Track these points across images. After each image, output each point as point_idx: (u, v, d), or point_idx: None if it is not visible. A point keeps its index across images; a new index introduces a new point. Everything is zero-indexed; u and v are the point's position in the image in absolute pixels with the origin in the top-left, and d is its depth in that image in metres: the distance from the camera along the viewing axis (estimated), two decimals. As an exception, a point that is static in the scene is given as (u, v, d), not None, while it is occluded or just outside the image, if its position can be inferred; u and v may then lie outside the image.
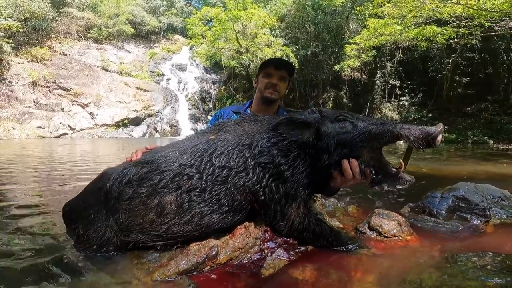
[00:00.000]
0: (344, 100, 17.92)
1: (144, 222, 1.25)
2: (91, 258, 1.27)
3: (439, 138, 1.16)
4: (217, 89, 22.83)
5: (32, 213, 2.06)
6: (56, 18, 23.17)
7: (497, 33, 10.52)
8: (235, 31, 17.00)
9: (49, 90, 18.96)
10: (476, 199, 1.98)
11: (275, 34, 18.20)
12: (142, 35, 29.28)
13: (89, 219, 1.30)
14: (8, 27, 17.38)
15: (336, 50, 17.54)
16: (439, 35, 10.09)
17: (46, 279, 1.14)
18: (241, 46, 17.58)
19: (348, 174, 1.28)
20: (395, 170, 1.28)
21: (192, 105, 21.38)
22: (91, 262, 1.25)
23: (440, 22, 10.23)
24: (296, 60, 16.66)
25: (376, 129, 1.25)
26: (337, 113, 1.35)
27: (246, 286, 1.12)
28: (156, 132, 19.11)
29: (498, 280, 1.08)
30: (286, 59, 2.07)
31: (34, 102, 17.85)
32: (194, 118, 20.28)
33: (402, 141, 1.28)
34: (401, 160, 1.29)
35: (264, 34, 17.04)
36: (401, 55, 16.46)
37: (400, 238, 1.51)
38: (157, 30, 29.97)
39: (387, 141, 1.25)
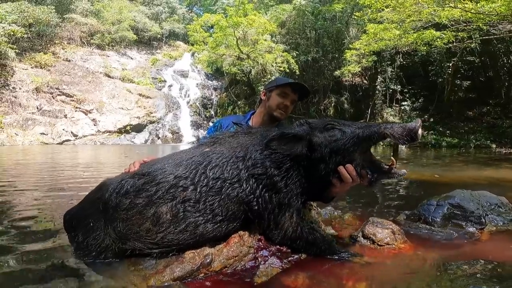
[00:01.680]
0: (345, 105, 17.96)
1: (141, 231, 1.29)
2: (90, 265, 1.31)
3: (420, 132, 1.24)
4: (219, 96, 22.92)
5: (33, 220, 2.10)
6: (60, 24, 23.38)
7: (496, 36, 10.58)
8: (236, 37, 17.16)
9: (52, 96, 19.10)
10: (472, 206, 1.99)
11: (275, 40, 18.33)
12: (144, 42, 29.54)
13: (88, 227, 1.35)
14: (12, 33, 17.48)
15: (337, 55, 17.65)
16: (438, 39, 10.18)
17: (46, 284, 1.18)
18: (242, 53, 17.73)
19: (346, 179, 1.33)
20: (387, 167, 1.35)
21: (194, 111, 21.45)
22: (90, 268, 1.29)
23: (439, 26, 10.32)
24: (297, 66, 16.78)
25: (363, 132, 1.32)
26: (325, 122, 1.40)
27: (239, 293, 1.14)
28: (158, 139, 19.16)
29: (485, 288, 1.10)
30: (304, 84, 2.07)
31: (37, 108, 17.97)
32: (196, 125, 20.32)
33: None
34: (392, 157, 1.36)
35: (265, 40, 17.18)
36: (402, 60, 16.53)
37: (394, 246, 1.53)
38: (159, 36, 30.23)
39: (375, 142, 1.34)
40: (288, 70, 16.69)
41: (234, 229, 1.35)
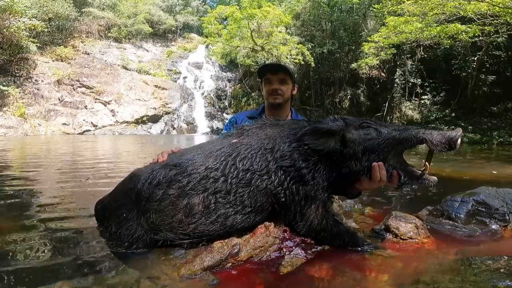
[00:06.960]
0: (362, 98, 17.59)
1: (173, 222, 1.31)
2: (123, 255, 1.34)
3: (459, 141, 1.24)
4: (233, 87, 22.99)
5: (62, 209, 2.15)
6: (78, 18, 23.93)
7: (524, 31, 10.05)
8: (250, 29, 17.03)
9: (73, 88, 19.71)
10: (496, 203, 1.96)
11: (290, 32, 18.07)
12: (160, 34, 29.81)
13: (121, 218, 1.37)
14: (33, 27, 17.99)
15: (353, 48, 17.24)
16: (463, 33, 9.76)
17: (80, 274, 1.21)
18: (256, 44, 17.60)
19: (376, 177, 1.34)
20: (420, 172, 1.34)
21: (208, 102, 21.66)
22: (122, 258, 1.32)
23: (464, 20, 9.88)
24: (312, 58, 16.52)
25: (400, 135, 1.32)
26: (360, 120, 1.40)
27: (265, 282, 1.18)
28: (173, 129, 19.51)
29: (509, 283, 1.11)
30: (281, 63, 2.11)
31: (59, 99, 18.59)
32: (210, 116, 20.55)
33: (423, 145, 1.35)
34: (426, 162, 1.35)
35: (280, 32, 16.97)
36: (423, 53, 15.91)
37: (417, 240, 1.53)
38: (173, 29, 30.42)
39: (411, 145, 1.33)
40: (303, 62, 16.47)
41: (261, 220, 1.38)
